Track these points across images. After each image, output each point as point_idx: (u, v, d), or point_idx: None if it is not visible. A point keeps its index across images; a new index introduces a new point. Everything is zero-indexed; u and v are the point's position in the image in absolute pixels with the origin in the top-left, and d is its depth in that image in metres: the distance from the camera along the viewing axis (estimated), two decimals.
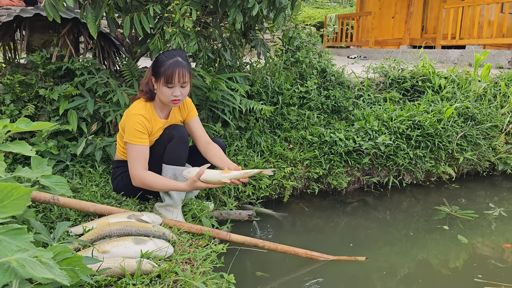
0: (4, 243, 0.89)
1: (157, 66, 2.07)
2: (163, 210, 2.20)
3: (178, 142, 2.13)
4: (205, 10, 2.80)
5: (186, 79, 2.07)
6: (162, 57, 2.08)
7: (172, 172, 2.15)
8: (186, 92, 2.11)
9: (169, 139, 2.14)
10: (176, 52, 2.10)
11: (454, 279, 2.24)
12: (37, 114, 2.76)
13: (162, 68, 2.04)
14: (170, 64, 2.04)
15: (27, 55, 3.02)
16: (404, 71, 4.31)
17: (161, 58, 2.08)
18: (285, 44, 3.85)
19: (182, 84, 2.07)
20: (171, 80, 2.03)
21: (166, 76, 2.03)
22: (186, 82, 2.08)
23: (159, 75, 2.05)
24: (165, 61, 2.05)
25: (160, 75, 2.04)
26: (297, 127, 3.48)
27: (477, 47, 6.64)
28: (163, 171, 2.16)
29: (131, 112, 2.10)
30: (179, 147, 2.14)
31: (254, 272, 2.19)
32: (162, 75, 2.04)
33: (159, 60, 2.08)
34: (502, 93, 4.32)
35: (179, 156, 2.16)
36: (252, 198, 2.92)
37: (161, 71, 2.04)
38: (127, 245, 1.72)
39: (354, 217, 3.07)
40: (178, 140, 2.13)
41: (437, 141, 3.55)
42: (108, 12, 2.45)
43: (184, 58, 2.10)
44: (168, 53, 2.10)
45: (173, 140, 2.13)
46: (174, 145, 2.13)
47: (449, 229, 2.85)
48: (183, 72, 2.05)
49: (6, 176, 1.44)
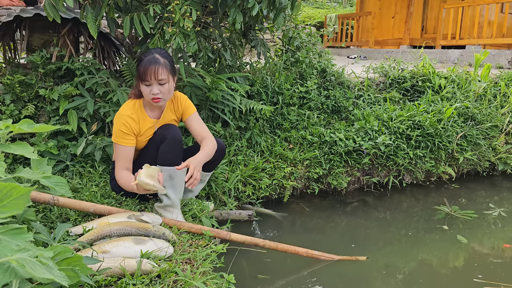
0: (4, 243, 0.89)
1: (137, 65, 2.07)
2: (162, 210, 2.19)
3: (170, 143, 2.11)
4: (205, 10, 2.80)
5: (162, 76, 2.03)
6: (141, 56, 2.07)
7: (168, 173, 2.12)
8: (165, 90, 2.07)
9: (161, 140, 2.13)
10: (155, 50, 2.09)
11: (453, 279, 2.24)
12: (37, 114, 2.76)
13: (139, 67, 2.04)
14: (146, 61, 2.02)
15: (27, 55, 3.02)
16: (404, 71, 4.31)
17: (140, 57, 2.07)
18: (285, 44, 3.85)
19: (160, 81, 2.04)
20: (145, 78, 2.01)
21: (140, 74, 2.02)
22: (163, 79, 2.04)
23: (138, 73, 2.05)
24: (142, 59, 2.05)
25: (138, 74, 2.04)
26: (297, 127, 3.48)
27: (477, 47, 6.64)
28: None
29: (118, 112, 2.12)
30: (171, 148, 2.12)
31: (256, 275, 2.19)
32: (138, 73, 2.04)
33: (139, 60, 2.08)
34: (502, 93, 4.32)
35: (173, 157, 2.13)
36: (252, 198, 2.92)
37: (138, 69, 2.04)
38: (127, 245, 1.72)
39: (354, 217, 3.07)
40: (170, 141, 2.11)
41: (437, 141, 3.55)
42: (108, 12, 2.45)
43: (163, 55, 2.07)
44: (148, 52, 2.08)
45: (165, 141, 2.11)
46: (166, 146, 2.11)
47: (448, 229, 2.85)
48: (157, 68, 2.01)
49: (6, 176, 1.44)
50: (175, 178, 2.15)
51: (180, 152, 2.17)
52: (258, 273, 2.21)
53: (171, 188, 2.16)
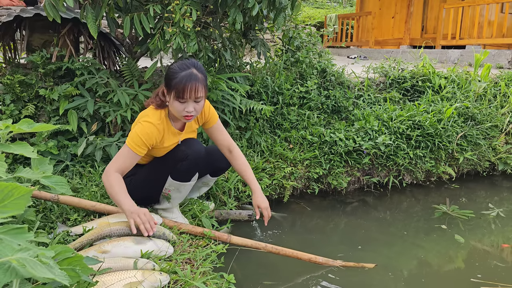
0: (5, 243, 0.89)
1: (168, 77, 1.87)
2: (162, 211, 2.20)
3: (191, 164, 2.04)
4: (205, 10, 2.81)
5: (200, 94, 1.86)
6: (175, 68, 1.87)
7: (177, 187, 2.12)
8: (200, 107, 1.92)
9: (183, 159, 2.02)
10: (191, 62, 1.89)
11: (450, 279, 2.24)
12: (37, 114, 2.76)
13: (174, 81, 1.83)
14: (183, 77, 1.82)
15: (27, 55, 3.02)
16: (404, 71, 4.31)
17: (173, 69, 1.87)
18: (285, 44, 3.85)
19: (196, 99, 1.87)
20: (182, 96, 1.83)
21: (178, 91, 1.83)
22: (200, 97, 1.88)
23: (171, 87, 1.85)
24: (177, 72, 1.84)
25: (171, 88, 1.85)
26: (297, 127, 3.48)
27: (477, 47, 6.64)
28: (168, 183, 2.12)
29: (146, 119, 1.93)
30: (191, 168, 2.07)
31: (257, 276, 2.18)
32: (173, 88, 1.84)
33: (171, 71, 1.87)
34: (502, 93, 4.32)
35: (189, 175, 2.10)
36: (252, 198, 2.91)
37: (172, 84, 1.84)
38: (127, 245, 1.72)
39: (354, 217, 3.07)
40: (191, 162, 2.03)
41: (437, 141, 3.55)
42: (108, 12, 2.45)
43: (199, 69, 1.89)
44: (182, 63, 1.88)
45: (186, 161, 2.02)
46: (186, 165, 2.04)
47: (447, 228, 2.85)
48: (197, 87, 1.83)
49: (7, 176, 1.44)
50: (182, 191, 2.16)
51: (197, 168, 2.11)
52: (258, 273, 2.21)
53: (176, 198, 2.18)
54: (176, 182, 2.10)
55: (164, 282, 1.54)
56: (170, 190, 2.14)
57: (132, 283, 1.46)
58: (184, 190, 2.15)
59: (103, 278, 1.45)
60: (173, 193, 2.15)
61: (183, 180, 2.10)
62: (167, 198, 2.17)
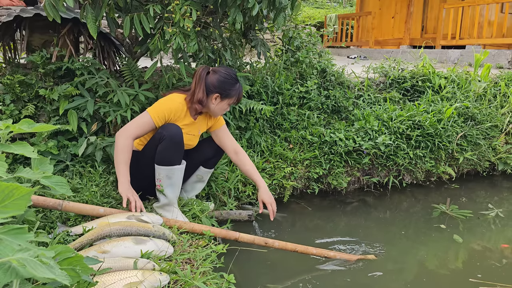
0: (5, 243, 0.89)
1: (226, 87, 2.22)
2: (161, 210, 2.20)
3: (168, 143, 2.11)
4: (205, 10, 2.81)
5: None
6: (231, 79, 2.24)
7: (165, 173, 2.14)
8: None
9: (160, 139, 2.12)
10: (234, 73, 2.28)
11: (449, 279, 2.24)
12: (37, 114, 2.76)
13: (233, 91, 2.23)
14: (239, 88, 2.27)
15: (27, 55, 3.02)
16: (404, 71, 4.31)
17: (229, 80, 2.23)
18: (285, 44, 3.85)
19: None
20: (237, 102, 2.33)
21: (238, 99, 2.29)
22: None
23: (229, 96, 2.24)
24: (234, 83, 2.24)
25: (230, 96, 2.24)
26: (297, 127, 3.48)
27: (477, 47, 6.64)
28: (156, 172, 2.15)
29: (173, 97, 2.22)
30: (169, 148, 2.12)
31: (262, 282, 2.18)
32: (232, 96, 2.25)
33: (228, 82, 2.22)
34: (502, 93, 4.32)
35: (171, 157, 2.14)
36: (252, 198, 2.92)
37: (232, 94, 2.24)
38: (127, 245, 1.72)
39: (354, 217, 3.07)
40: (168, 141, 2.10)
41: (437, 141, 3.55)
42: (108, 12, 2.45)
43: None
44: (231, 73, 2.24)
45: (163, 141, 2.11)
46: (164, 146, 2.11)
47: (446, 228, 2.86)
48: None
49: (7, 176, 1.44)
50: (172, 178, 2.16)
51: (180, 152, 2.16)
52: (258, 273, 2.21)
53: (169, 187, 2.17)
54: (161, 167, 2.14)
55: (164, 282, 1.54)
56: (160, 180, 2.15)
57: (132, 283, 1.46)
58: (174, 176, 2.16)
59: (103, 278, 1.45)
60: (165, 182, 2.15)
61: (167, 163, 2.13)
62: (161, 191, 2.17)
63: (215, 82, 2.21)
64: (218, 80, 2.21)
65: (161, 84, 2.85)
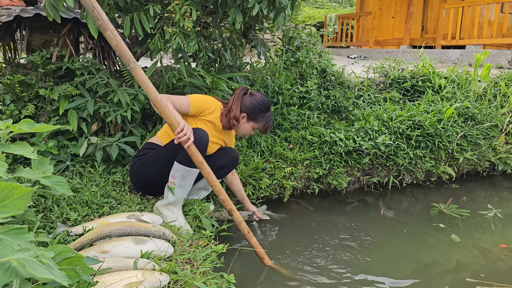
0: (5, 243, 0.89)
1: (255, 111, 2.35)
2: (163, 209, 2.20)
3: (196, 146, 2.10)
4: (205, 10, 2.81)
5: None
6: (263, 106, 2.36)
7: (182, 173, 2.18)
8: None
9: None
10: (268, 102, 2.40)
11: (447, 279, 2.24)
12: (37, 114, 2.76)
13: (260, 117, 2.37)
14: (268, 117, 2.40)
15: (27, 55, 3.02)
16: (404, 71, 4.31)
17: (261, 106, 2.36)
18: (285, 44, 3.85)
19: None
20: (264, 131, 2.44)
21: (265, 128, 2.42)
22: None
23: (256, 120, 2.37)
24: (265, 111, 2.37)
25: (257, 121, 2.38)
26: (297, 127, 3.48)
27: (477, 47, 6.64)
28: (174, 169, 2.19)
29: (213, 98, 2.38)
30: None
31: (262, 282, 2.18)
32: (259, 122, 2.38)
33: (258, 107, 2.35)
34: (502, 93, 4.32)
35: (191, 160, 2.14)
36: (252, 198, 2.92)
37: (259, 119, 2.37)
38: (127, 245, 1.72)
39: (354, 217, 3.07)
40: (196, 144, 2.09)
41: (437, 141, 3.55)
42: (108, 12, 2.45)
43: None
44: (265, 103, 2.37)
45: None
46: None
47: (445, 227, 2.86)
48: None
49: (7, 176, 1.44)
50: (187, 179, 2.19)
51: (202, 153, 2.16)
52: (258, 273, 2.20)
53: (180, 187, 2.19)
54: (181, 166, 2.16)
55: (164, 282, 1.54)
56: (175, 178, 2.18)
57: (132, 283, 1.46)
58: (188, 178, 2.19)
59: (103, 278, 1.45)
60: (178, 181, 2.18)
61: (188, 164, 2.15)
62: (171, 189, 2.18)
63: (247, 103, 2.35)
64: (250, 103, 2.35)
65: (161, 84, 2.85)
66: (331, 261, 2.35)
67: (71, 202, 2.13)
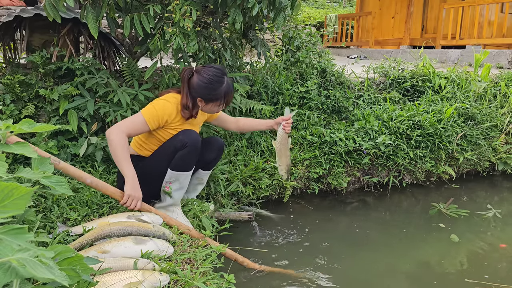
0: (5, 243, 0.89)
1: (206, 92, 2.09)
2: (163, 211, 2.20)
3: (190, 152, 2.10)
4: (205, 10, 2.81)
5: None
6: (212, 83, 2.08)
7: (178, 178, 2.16)
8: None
9: (182, 147, 2.10)
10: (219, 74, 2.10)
11: (446, 279, 2.24)
12: (37, 114, 2.76)
13: (216, 95, 2.10)
14: (223, 89, 2.10)
15: (27, 55, 3.02)
16: (404, 71, 4.31)
17: (210, 84, 2.08)
18: (285, 44, 3.85)
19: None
20: (228, 102, 2.17)
21: (226, 101, 2.15)
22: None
23: (213, 100, 2.12)
24: (216, 87, 2.09)
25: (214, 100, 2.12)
26: (297, 127, 3.48)
27: (477, 47, 6.64)
28: (168, 176, 2.15)
29: (169, 98, 2.13)
30: (190, 156, 2.13)
31: (262, 282, 2.18)
32: (217, 100, 2.12)
33: (208, 87, 2.08)
34: (502, 93, 4.32)
35: (189, 163, 2.16)
36: (252, 198, 2.92)
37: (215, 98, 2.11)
38: (127, 245, 1.72)
39: (354, 217, 3.07)
40: (190, 150, 2.09)
41: (437, 141, 3.55)
42: (108, 12, 2.45)
43: (226, 74, 2.15)
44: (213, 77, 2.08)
45: (185, 149, 2.09)
46: (187, 151, 2.10)
47: (445, 227, 2.85)
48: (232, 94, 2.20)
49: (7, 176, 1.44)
50: (183, 182, 2.19)
51: (195, 159, 2.18)
52: (258, 273, 2.21)
53: (177, 190, 2.20)
54: (175, 172, 2.14)
55: (164, 282, 1.54)
56: (171, 183, 2.16)
57: (132, 283, 1.46)
58: (184, 181, 2.18)
59: (103, 278, 1.45)
60: (174, 185, 2.17)
61: (183, 169, 2.14)
62: (168, 193, 2.18)
63: (195, 86, 2.10)
64: (198, 85, 2.09)
65: (161, 84, 2.85)
66: (331, 261, 2.35)
67: (71, 202, 2.13)
